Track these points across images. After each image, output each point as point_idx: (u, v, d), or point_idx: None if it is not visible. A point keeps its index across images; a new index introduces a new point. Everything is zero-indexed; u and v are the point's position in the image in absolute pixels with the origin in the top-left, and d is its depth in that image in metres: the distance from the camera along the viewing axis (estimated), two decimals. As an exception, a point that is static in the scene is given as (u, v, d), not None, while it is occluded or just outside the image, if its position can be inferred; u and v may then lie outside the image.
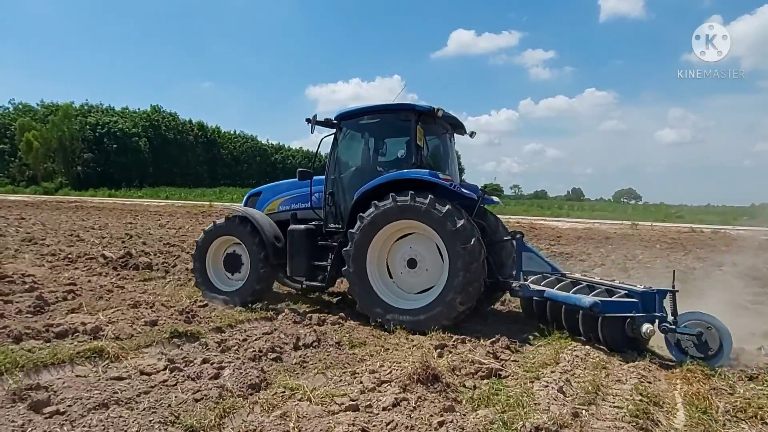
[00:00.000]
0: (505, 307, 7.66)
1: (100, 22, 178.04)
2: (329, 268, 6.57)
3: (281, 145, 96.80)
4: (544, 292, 5.69)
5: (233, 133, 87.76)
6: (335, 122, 6.93)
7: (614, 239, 21.10)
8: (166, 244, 13.67)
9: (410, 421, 3.26)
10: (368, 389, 3.70)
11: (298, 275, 6.82)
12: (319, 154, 7.47)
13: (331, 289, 7.51)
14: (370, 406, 3.45)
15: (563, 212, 43.66)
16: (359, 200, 6.31)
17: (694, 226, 27.97)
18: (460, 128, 7.42)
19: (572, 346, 5.14)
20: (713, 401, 3.77)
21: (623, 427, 3.28)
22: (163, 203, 40.56)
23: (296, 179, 7.24)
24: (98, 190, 54.95)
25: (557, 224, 29.59)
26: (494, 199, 6.71)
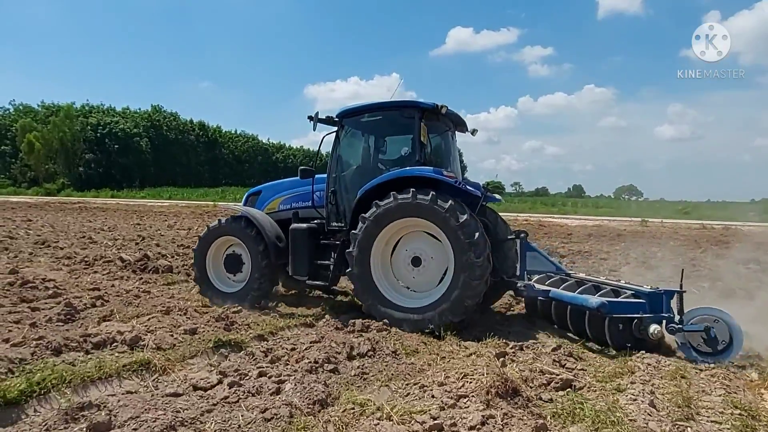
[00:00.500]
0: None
1: (96, 22, 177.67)
2: (332, 266, 6.50)
3: (282, 144, 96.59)
4: (549, 291, 5.66)
5: (234, 132, 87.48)
6: (337, 120, 6.86)
7: (626, 236, 20.86)
8: (180, 245, 13.39)
9: (502, 441, 3.00)
10: (448, 405, 3.42)
11: (300, 274, 6.71)
12: (320, 152, 7.42)
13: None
14: (454, 424, 3.17)
15: (570, 209, 43.40)
16: (362, 198, 6.23)
17: (704, 222, 27.72)
18: (462, 126, 7.37)
19: (639, 354, 4.86)
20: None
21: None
22: (166, 203, 40.29)
23: (297, 178, 7.15)
24: (100, 190, 54.59)
25: (565, 222, 29.38)
26: (497, 197, 6.70)
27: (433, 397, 3.68)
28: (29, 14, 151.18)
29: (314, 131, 6.82)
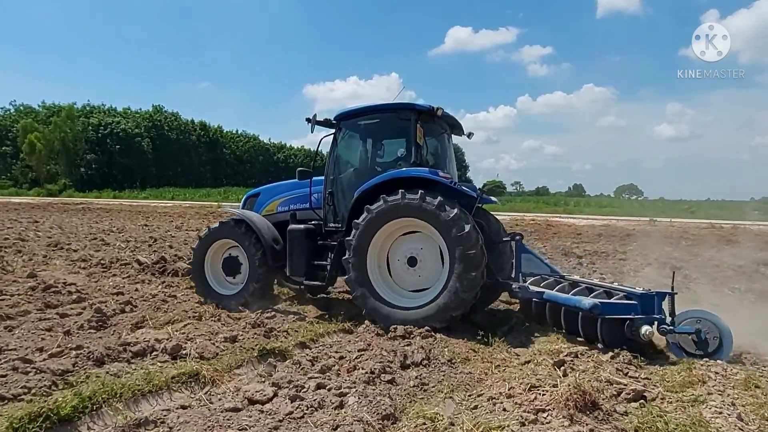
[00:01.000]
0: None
1: (94, 22, 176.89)
2: (329, 267, 6.53)
3: (283, 144, 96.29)
4: (543, 293, 5.73)
5: (235, 132, 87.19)
6: (334, 122, 6.89)
7: (636, 236, 20.65)
8: (193, 248, 13.15)
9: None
10: (529, 421, 3.22)
11: (298, 275, 6.73)
12: (318, 153, 7.41)
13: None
14: (542, 442, 2.98)
15: (575, 209, 43.26)
16: (359, 199, 6.26)
17: (713, 221, 27.56)
18: (458, 129, 7.41)
19: (703, 362, 4.66)
20: None
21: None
22: (170, 204, 40.00)
23: (295, 180, 7.20)
24: (102, 191, 54.33)
25: (572, 221, 29.18)
26: (492, 198, 6.74)
27: (505, 410, 3.48)
28: (27, 15, 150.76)
29: (311, 133, 6.91)
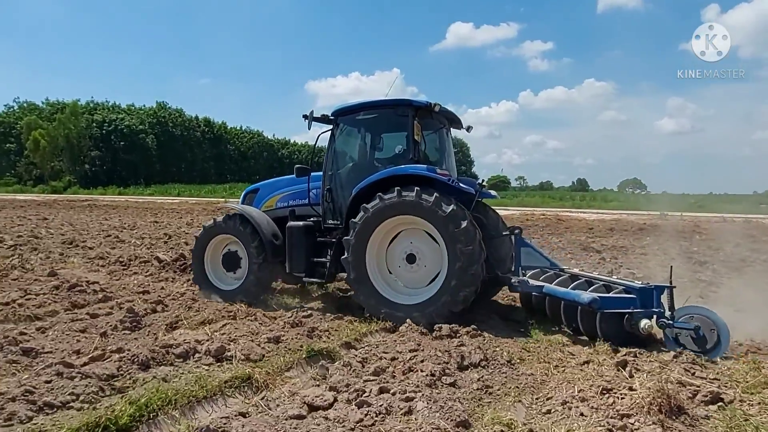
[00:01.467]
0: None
1: (95, 18, 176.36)
2: (328, 263, 6.53)
3: (287, 140, 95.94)
4: (543, 287, 5.74)
5: (239, 128, 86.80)
6: (332, 118, 6.86)
7: (648, 230, 20.40)
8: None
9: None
10: (617, 427, 3.02)
11: (297, 271, 6.74)
12: (316, 150, 7.35)
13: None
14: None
15: (584, 204, 42.98)
16: (357, 196, 6.25)
17: (725, 215, 27.27)
18: (456, 123, 7.39)
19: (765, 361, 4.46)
20: None
21: None
22: (176, 200, 39.85)
23: (294, 175, 7.11)
24: (107, 188, 54.19)
25: (582, 216, 28.91)
26: (492, 192, 6.72)
27: (582, 415, 3.28)
28: (29, 11, 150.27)
29: (309, 130, 6.86)
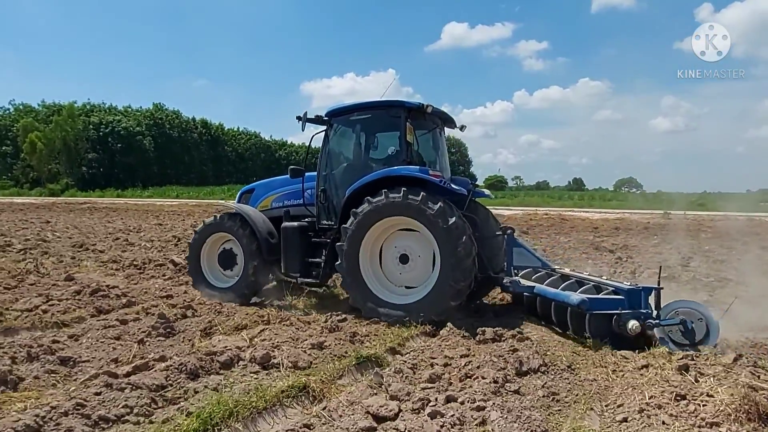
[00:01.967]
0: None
1: (88, 19, 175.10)
2: (323, 264, 6.59)
3: (284, 141, 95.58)
4: (534, 287, 5.81)
5: (237, 130, 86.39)
6: (326, 119, 6.91)
7: (654, 229, 20.31)
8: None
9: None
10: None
11: (292, 272, 6.80)
12: (310, 151, 7.46)
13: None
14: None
15: (585, 203, 42.97)
16: (351, 197, 6.31)
17: (728, 214, 27.26)
18: (450, 122, 7.43)
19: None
20: None
21: None
22: (176, 203, 39.46)
23: (288, 176, 7.17)
24: (105, 190, 53.71)
25: (586, 215, 28.84)
26: (485, 192, 6.81)
27: (664, 423, 3.14)
28: (23, 13, 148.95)
29: (302, 131, 6.92)
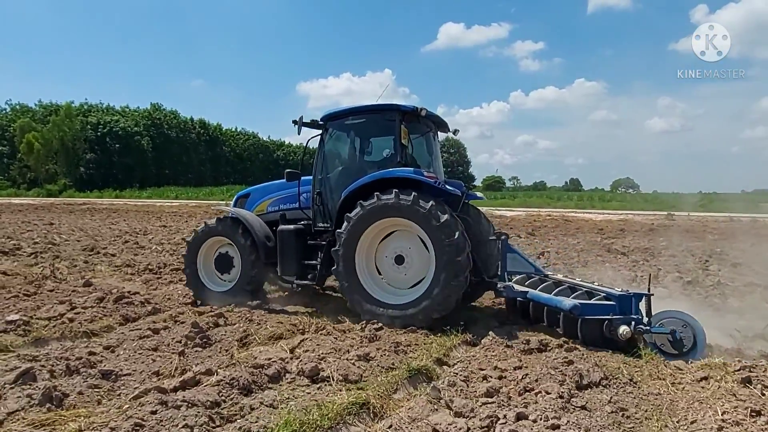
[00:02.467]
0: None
1: (87, 19, 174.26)
2: (319, 266, 6.64)
3: (282, 141, 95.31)
4: (527, 293, 5.90)
5: (235, 130, 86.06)
6: (321, 123, 6.97)
7: (659, 231, 20.33)
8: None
9: None
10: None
11: (288, 274, 6.89)
12: (306, 154, 7.44)
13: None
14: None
15: (586, 204, 43.00)
16: (346, 200, 6.37)
17: (731, 215, 27.31)
18: (443, 126, 7.55)
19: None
20: None
21: None
22: (176, 203, 39.21)
23: (284, 180, 7.24)
24: (103, 191, 53.35)
25: (589, 216, 28.83)
26: (478, 194, 6.92)
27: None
28: (20, 13, 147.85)
29: (299, 135, 6.89)
